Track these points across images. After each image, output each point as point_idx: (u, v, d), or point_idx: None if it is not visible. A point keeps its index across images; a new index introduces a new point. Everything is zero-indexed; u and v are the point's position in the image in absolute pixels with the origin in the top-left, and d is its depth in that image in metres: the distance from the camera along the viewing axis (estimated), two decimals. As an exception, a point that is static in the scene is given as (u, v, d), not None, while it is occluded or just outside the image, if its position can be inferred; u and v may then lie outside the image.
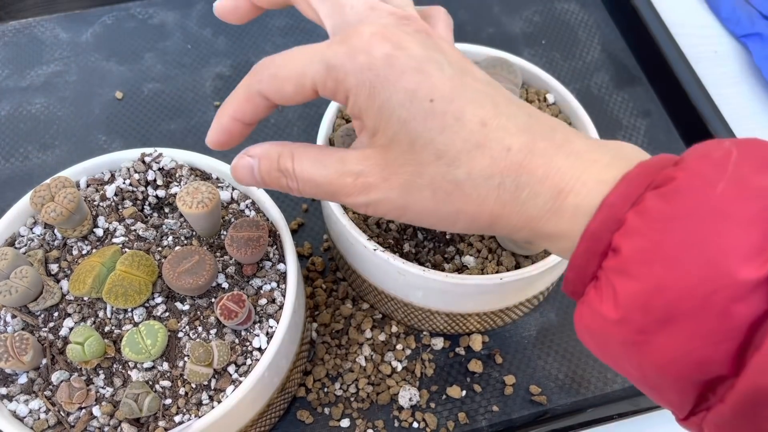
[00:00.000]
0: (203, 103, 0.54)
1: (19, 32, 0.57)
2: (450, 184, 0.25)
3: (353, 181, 0.26)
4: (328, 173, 0.26)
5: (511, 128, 0.24)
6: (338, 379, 0.42)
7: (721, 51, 0.60)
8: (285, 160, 0.27)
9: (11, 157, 0.51)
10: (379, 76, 0.24)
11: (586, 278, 0.23)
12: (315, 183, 0.27)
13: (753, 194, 0.20)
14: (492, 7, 0.61)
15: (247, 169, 0.29)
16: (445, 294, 0.38)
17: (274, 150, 0.28)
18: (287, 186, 0.28)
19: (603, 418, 0.41)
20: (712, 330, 0.19)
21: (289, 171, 0.27)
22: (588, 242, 0.22)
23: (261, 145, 0.29)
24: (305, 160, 0.27)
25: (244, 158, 0.29)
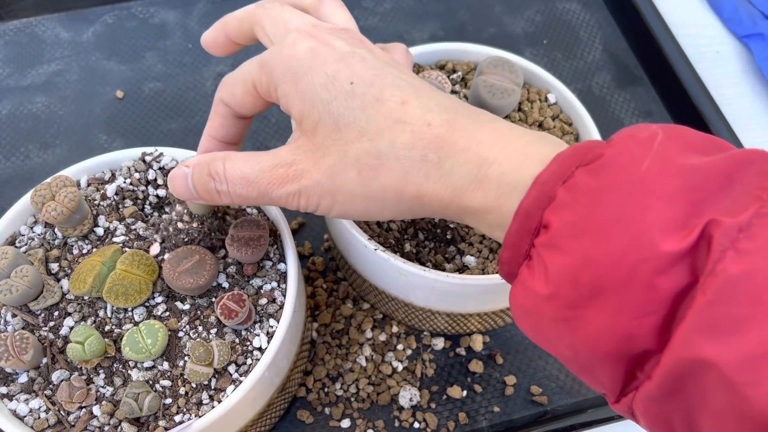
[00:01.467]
0: (204, 102, 0.54)
1: (20, 31, 0.57)
2: (374, 158, 0.25)
3: (286, 171, 0.26)
4: (261, 168, 0.27)
5: (433, 107, 0.25)
6: (339, 379, 0.42)
7: (722, 51, 0.60)
8: (216, 163, 0.28)
9: (12, 156, 0.51)
10: (303, 64, 0.26)
11: (520, 257, 0.23)
12: (247, 180, 0.27)
13: (676, 171, 0.20)
14: (493, 6, 0.61)
15: (181, 179, 0.29)
16: (446, 294, 0.37)
17: (206, 157, 0.28)
18: (215, 190, 0.28)
19: (603, 418, 0.41)
20: (637, 303, 0.20)
21: (219, 173, 0.28)
22: (520, 220, 0.23)
23: (198, 157, 0.29)
24: (237, 160, 0.27)
25: (180, 168, 0.29)
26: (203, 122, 0.52)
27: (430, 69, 0.43)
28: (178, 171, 0.29)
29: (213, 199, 0.28)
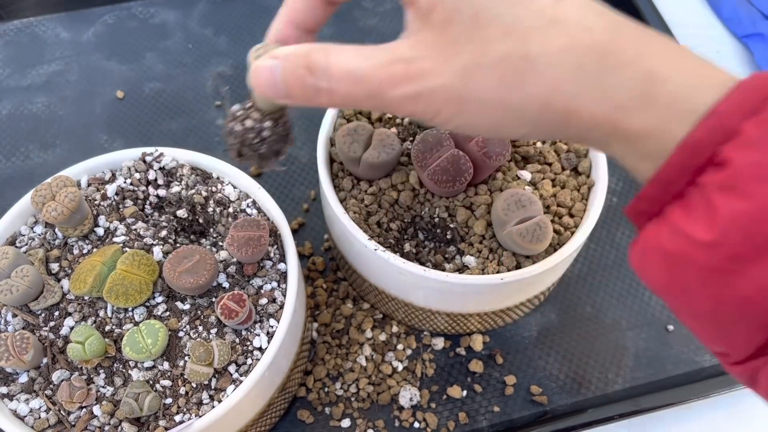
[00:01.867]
0: (204, 102, 0.54)
1: (20, 31, 0.57)
2: (521, 60, 0.21)
3: (405, 69, 0.22)
4: (373, 63, 0.23)
5: (593, 8, 0.22)
6: (339, 378, 0.42)
7: (722, 51, 0.60)
8: (317, 54, 0.23)
9: (12, 156, 0.51)
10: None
11: (668, 196, 0.20)
12: (355, 76, 0.23)
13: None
14: (493, 6, 0.61)
15: (267, 71, 0.25)
16: (446, 294, 0.38)
17: (302, 47, 0.24)
18: (313, 87, 0.24)
19: (604, 418, 0.41)
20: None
21: (321, 66, 0.23)
22: (687, 152, 0.19)
23: (287, 47, 0.25)
24: (343, 53, 0.23)
25: (266, 60, 0.25)
26: (203, 122, 0.53)
27: (430, 69, 0.43)
28: (264, 63, 0.25)
29: (308, 98, 0.24)
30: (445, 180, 0.35)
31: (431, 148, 0.36)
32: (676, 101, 0.20)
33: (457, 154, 0.35)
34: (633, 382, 0.43)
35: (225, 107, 0.54)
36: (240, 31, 0.58)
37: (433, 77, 0.22)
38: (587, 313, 0.45)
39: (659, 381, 0.43)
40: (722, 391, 0.42)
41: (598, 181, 0.38)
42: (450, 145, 0.36)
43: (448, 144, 0.36)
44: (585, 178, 0.39)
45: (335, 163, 0.40)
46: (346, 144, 0.37)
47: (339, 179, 0.39)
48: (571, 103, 0.21)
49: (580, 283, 0.46)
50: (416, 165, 0.36)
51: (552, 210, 0.37)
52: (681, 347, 0.44)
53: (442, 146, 0.36)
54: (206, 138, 0.52)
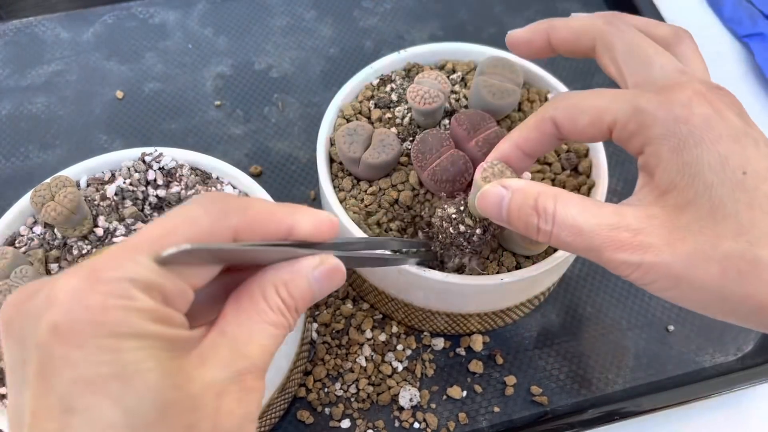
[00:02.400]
0: (204, 102, 0.54)
1: (19, 31, 0.57)
2: (747, 264, 0.22)
3: (630, 238, 0.24)
4: (599, 222, 0.24)
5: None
6: (339, 379, 0.42)
7: (722, 51, 0.60)
8: (545, 199, 0.26)
9: (12, 157, 0.51)
10: (694, 133, 0.23)
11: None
12: (578, 230, 0.25)
13: None
14: (493, 6, 0.61)
15: (495, 198, 0.27)
16: (446, 294, 0.37)
17: (533, 187, 0.26)
18: (536, 227, 0.26)
19: (604, 418, 0.41)
20: None
21: (548, 212, 0.25)
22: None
23: (518, 180, 0.27)
24: (570, 205, 0.25)
25: (496, 187, 0.27)
26: (203, 122, 0.53)
27: (429, 69, 0.43)
28: (493, 189, 0.27)
29: (527, 232, 0.26)
30: (444, 180, 0.35)
31: (431, 148, 0.36)
32: None
33: (457, 154, 0.35)
34: (633, 383, 0.43)
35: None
36: (240, 31, 0.58)
37: (656, 253, 0.23)
38: (587, 313, 0.45)
39: (659, 381, 0.43)
40: (722, 391, 0.42)
41: (599, 182, 0.38)
42: (450, 145, 0.36)
43: (448, 144, 0.36)
44: (585, 178, 0.39)
45: (335, 163, 0.40)
46: (346, 144, 0.37)
47: (339, 179, 0.39)
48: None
49: (581, 283, 0.46)
50: (416, 165, 0.36)
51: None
52: (681, 347, 0.44)
53: (442, 146, 0.36)
54: (206, 138, 0.52)
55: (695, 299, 0.24)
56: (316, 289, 0.23)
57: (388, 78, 0.43)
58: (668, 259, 0.23)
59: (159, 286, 0.19)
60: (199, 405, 0.19)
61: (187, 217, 0.21)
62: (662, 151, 0.24)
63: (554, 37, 0.31)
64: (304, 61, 0.56)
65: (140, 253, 0.19)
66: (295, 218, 0.23)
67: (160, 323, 0.19)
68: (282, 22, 0.59)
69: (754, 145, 0.24)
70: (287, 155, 0.51)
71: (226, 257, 0.21)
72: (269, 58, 0.56)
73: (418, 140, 0.36)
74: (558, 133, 0.28)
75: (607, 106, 0.26)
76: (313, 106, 0.54)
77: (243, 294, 0.22)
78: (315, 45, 0.57)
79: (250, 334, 0.21)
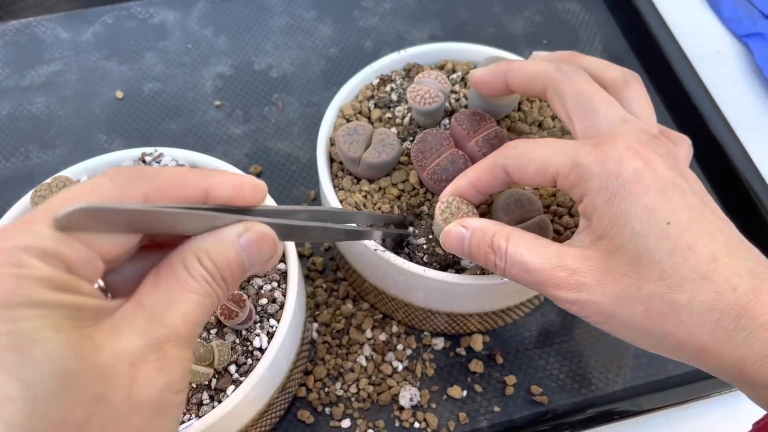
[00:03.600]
0: (204, 102, 0.54)
1: (19, 32, 0.57)
2: (667, 306, 0.25)
3: (567, 277, 0.26)
4: (542, 262, 0.27)
5: (740, 269, 0.25)
6: (339, 378, 0.42)
7: (722, 51, 0.60)
8: (499, 238, 0.28)
9: (12, 157, 0.51)
10: (624, 187, 0.26)
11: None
12: (525, 268, 0.27)
13: None
14: (493, 6, 0.61)
15: (457, 237, 0.30)
16: (446, 294, 0.37)
17: (489, 227, 0.29)
18: (493, 263, 0.29)
19: (604, 418, 0.41)
20: None
21: (501, 251, 0.28)
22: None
23: (477, 220, 0.30)
24: (520, 245, 0.28)
25: (457, 227, 0.30)
26: (202, 122, 0.53)
27: (429, 69, 0.43)
28: (455, 229, 0.30)
29: (487, 266, 0.29)
30: (444, 180, 0.35)
31: (431, 148, 0.36)
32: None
33: (457, 154, 0.35)
34: (633, 382, 0.43)
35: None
36: (239, 32, 0.58)
37: (587, 291, 0.26)
38: (587, 312, 0.45)
39: (659, 381, 0.43)
40: (722, 391, 0.42)
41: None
42: (450, 145, 0.36)
43: (447, 144, 0.36)
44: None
45: (335, 162, 0.40)
46: (346, 144, 0.37)
47: (339, 179, 0.39)
48: (703, 346, 0.25)
49: (580, 282, 0.46)
50: (416, 165, 0.36)
51: (552, 210, 0.37)
52: (681, 347, 0.44)
53: (442, 146, 0.36)
54: (206, 138, 0.52)
55: (625, 334, 0.27)
56: (244, 258, 0.22)
57: (388, 78, 0.43)
58: (599, 297, 0.26)
59: (58, 253, 0.18)
60: (109, 375, 0.18)
61: (90, 185, 0.20)
62: (597, 201, 0.26)
63: (510, 79, 0.33)
64: (303, 61, 0.56)
65: (37, 222, 0.19)
66: (211, 180, 0.22)
67: (61, 291, 0.18)
68: (282, 22, 0.59)
69: (681, 195, 0.26)
70: (287, 155, 0.51)
71: (136, 222, 0.20)
72: (269, 58, 0.56)
73: (418, 140, 0.36)
74: (508, 178, 0.31)
75: (550, 158, 0.28)
76: (312, 106, 0.54)
77: (162, 266, 0.21)
78: (315, 45, 0.57)
79: (170, 303, 0.20)
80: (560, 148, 0.28)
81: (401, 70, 0.43)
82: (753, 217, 0.48)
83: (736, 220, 0.50)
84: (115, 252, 0.20)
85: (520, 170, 0.29)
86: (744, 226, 0.51)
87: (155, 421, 0.19)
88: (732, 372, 0.25)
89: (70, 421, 0.17)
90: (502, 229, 0.29)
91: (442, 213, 0.32)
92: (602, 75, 0.32)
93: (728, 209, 0.50)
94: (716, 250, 0.25)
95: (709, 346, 0.25)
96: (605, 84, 0.31)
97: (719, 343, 0.25)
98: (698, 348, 0.25)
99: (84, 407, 0.17)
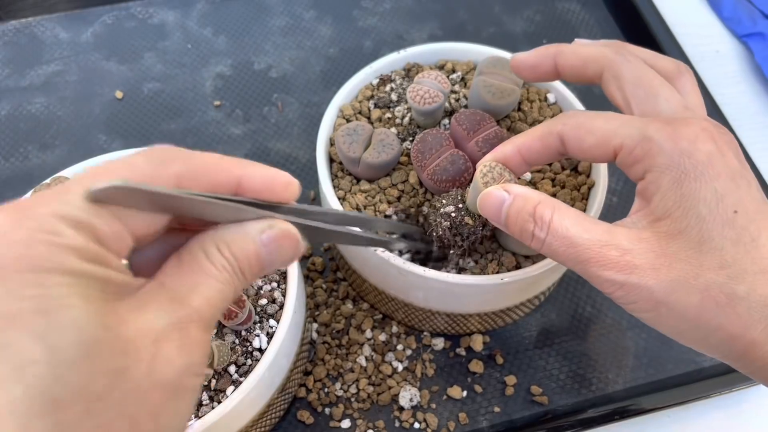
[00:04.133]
0: (203, 102, 0.54)
1: (19, 32, 0.57)
2: (726, 296, 0.24)
3: (618, 256, 0.25)
4: (591, 237, 0.25)
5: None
6: (339, 379, 0.42)
7: (722, 50, 0.60)
8: (544, 208, 0.27)
9: (11, 157, 0.51)
10: (696, 167, 0.25)
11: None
12: (570, 242, 0.26)
13: None
14: (493, 6, 0.61)
15: (497, 200, 0.28)
16: (446, 294, 0.37)
17: (534, 195, 0.27)
18: (531, 233, 0.27)
19: (604, 418, 0.41)
20: None
21: (545, 220, 0.26)
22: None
23: (520, 187, 0.28)
24: (567, 216, 0.26)
25: (499, 190, 0.28)
26: (203, 122, 0.53)
27: (429, 69, 0.43)
28: (496, 192, 0.28)
29: (522, 237, 0.27)
30: (444, 180, 0.35)
31: (431, 148, 0.36)
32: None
33: (457, 154, 0.35)
34: (633, 382, 0.43)
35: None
36: (239, 32, 0.58)
37: (641, 275, 0.24)
38: (587, 313, 0.45)
39: (659, 381, 0.43)
40: (722, 391, 0.42)
41: (598, 181, 0.38)
42: (450, 145, 0.36)
43: (447, 144, 0.36)
44: (585, 177, 0.39)
45: (335, 163, 0.40)
46: (346, 144, 0.37)
47: (338, 179, 0.39)
48: (753, 344, 0.24)
49: (581, 283, 0.46)
50: (415, 165, 0.36)
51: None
52: (681, 347, 0.44)
53: (442, 146, 0.36)
54: (205, 138, 0.52)
55: (671, 324, 0.25)
56: (264, 254, 0.22)
57: (387, 78, 0.43)
58: (651, 282, 0.24)
59: (90, 225, 0.18)
60: (132, 349, 0.18)
61: (126, 162, 0.20)
62: (663, 180, 0.25)
63: (561, 62, 0.31)
64: (303, 61, 0.56)
65: (71, 192, 0.19)
66: (245, 171, 0.22)
67: (90, 262, 0.18)
68: (281, 22, 0.59)
69: (747, 187, 0.25)
70: (287, 155, 0.51)
71: (167, 204, 0.20)
72: (269, 58, 0.56)
73: (418, 140, 0.36)
74: (562, 149, 0.29)
75: (615, 130, 0.27)
76: (312, 106, 0.54)
77: (184, 251, 0.21)
78: (314, 45, 0.57)
79: (193, 286, 0.20)
80: (627, 121, 0.27)
81: (401, 70, 0.43)
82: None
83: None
84: (143, 230, 0.20)
85: (578, 140, 0.28)
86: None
87: (172, 402, 0.19)
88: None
89: (90, 390, 0.17)
90: (548, 200, 0.27)
91: (484, 177, 0.30)
92: (655, 64, 0.30)
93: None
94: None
95: (759, 343, 0.24)
96: (662, 73, 0.30)
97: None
98: (748, 344, 0.24)
99: (105, 378, 0.17)
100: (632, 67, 0.29)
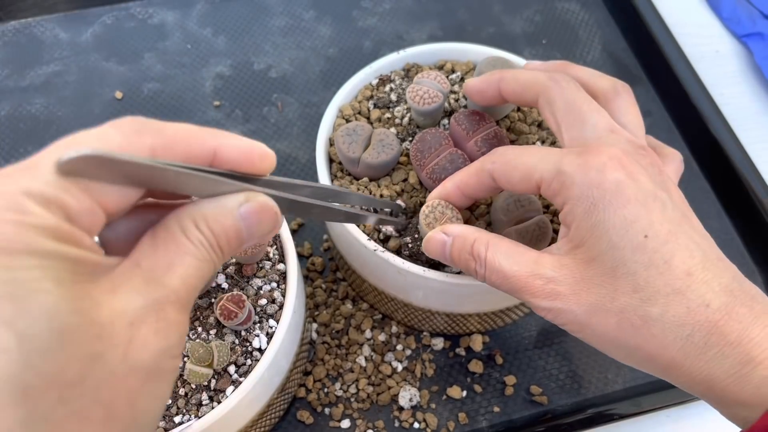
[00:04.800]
0: (203, 103, 0.54)
1: (18, 32, 0.57)
2: (640, 319, 0.25)
3: (542, 285, 0.27)
4: (520, 270, 0.27)
5: (715, 286, 0.25)
6: (338, 379, 0.42)
7: (722, 51, 0.60)
8: (479, 246, 0.29)
9: (11, 158, 0.51)
10: (604, 197, 0.26)
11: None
12: (504, 275, 0.28)
13: None
14: (492, 6, 0.61)
15: (439, 244, 0.30)
16: (445, 294, 0.37)
17: (470, 234, 0.29)
18: (474, 270, 0.29)
19: (604, 418, 0.41)
20: None
21: (481, 258, 0.28)
22: None
23: (458, 226, 0.30)
24: (499, 252, 0.28)
25: (439, 233, 0.30)
26: (202, 123, 0.53)
27: (429, 69, 0.43)
28: (437, 236, 0.30)
29: (468, 273, 0.30)
30: (443, 179, 0.35)
31: (430, 147, 0.36)
32: (765, 383, 0.23)
33: (456, 153, 0.35)
34: (633, 382, 0.43)
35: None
36: (239, 32, 0.58)
37: (562, 300, 0.26)
38: (587, 313, 0.45)
39: (659, 381, 0.42)
40: (722, 390, 0.42)
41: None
42: (449, 145, 0.36)
43: (447, 143, 0.36)
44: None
45: (334, 163, 0.40)
46: (345, 144, 0.37)
47: (338, 179, 0.39)
48: (673, 361, 0.25)
49: (580, 283, 0.46)
50: (415, 164, 0.36)
51: (551, 210, 0.37)
52: (681, 347, 0.44)
53: (441, 146, 0.36)
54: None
55: (599, 343, 0.27)
56: (243, 229, 0.21)
57: (387, 78, 0.43)
58: (573, 306, 0.26)
59: (60, 201, 0.17)
60: (107, 334, 0.17)
61: (97, 133, 0.19)
62: (577, 210, 0.26)
63: (504, 88, 0.33)
64: (303, 61, 0.56)
65: (39, 166, 0.18)
66: (220, 142, 0.21)
67: (61, 241, 0.17)
68: (281, 22, 0.59)
69: (661, 209, 0.26)
70: (287, 155, 0.51)
71: (140, 176, 0.19)
72: (268, 59, 0.56)
73: (417, 139, 0.36)
74: (494, 184, 0.30)
75: (535, 165, 0.28)
76: (312, 106, 0.54)
77: (159, 228, 0.20)
78: (314, 45, 0.57)
79: (169, 265, 0.19)
80: (545, 155, 0.28)
81: (400, 70, 0.43)
82: (752, 217, 0.48)
83: (735, 221, 0.50)
84: (115, 205, 0.19)
85: (505, 176, 0.29)
86: (743, 227, 0.51)
87: (149, 385, 0.19)
88: (701, 388, 0.25)
89: (64, 377, 0.16)
90: (482, 236, 0.29)
91: (426, 218, 0.32)
92: (593, 85, 0.32)
93: (727, 209, 0.50)
94: (692, 266, 0.25)
95: (678, 362, 0.25)
96: (596, 94, 0.31)
97: (689, 358, 0.25)
98: (668, 362, 0.25)
99: (79, 364, 0.17)
100: (564, 92, 0.30)
